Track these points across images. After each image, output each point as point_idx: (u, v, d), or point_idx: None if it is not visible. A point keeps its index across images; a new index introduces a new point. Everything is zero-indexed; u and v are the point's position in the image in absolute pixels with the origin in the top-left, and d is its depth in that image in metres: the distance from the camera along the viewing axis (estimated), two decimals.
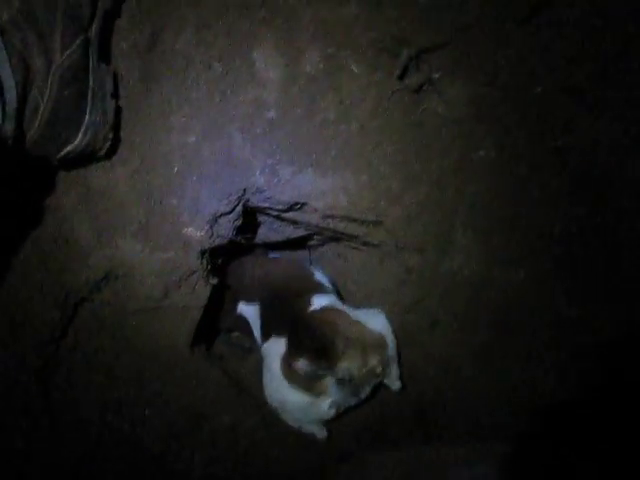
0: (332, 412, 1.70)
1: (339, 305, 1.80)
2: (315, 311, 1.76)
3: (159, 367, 1.75)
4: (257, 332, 1.99)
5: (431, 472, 1.36)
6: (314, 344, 1.63)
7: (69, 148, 1.43)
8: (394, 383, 1.76)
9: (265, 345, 1.82)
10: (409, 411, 1.84)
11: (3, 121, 1.21)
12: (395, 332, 1.78)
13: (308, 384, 1.64)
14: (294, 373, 1.64)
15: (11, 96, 1.21)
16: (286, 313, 1.81)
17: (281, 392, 1.69)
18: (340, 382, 1.60)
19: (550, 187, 1.58)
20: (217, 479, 1.68)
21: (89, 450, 1.60)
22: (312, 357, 1.61)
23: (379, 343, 1.70)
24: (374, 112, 1.57)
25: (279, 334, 1.75)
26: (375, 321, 1.75)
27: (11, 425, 1.52)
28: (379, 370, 1.69)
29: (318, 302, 1.80)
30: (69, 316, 1.62)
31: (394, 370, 1.74)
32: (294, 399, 1.67)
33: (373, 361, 1.67)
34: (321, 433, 1.77)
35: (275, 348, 1.73)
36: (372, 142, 1.59)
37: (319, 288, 1.92)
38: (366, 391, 1.74)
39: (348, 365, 1.61)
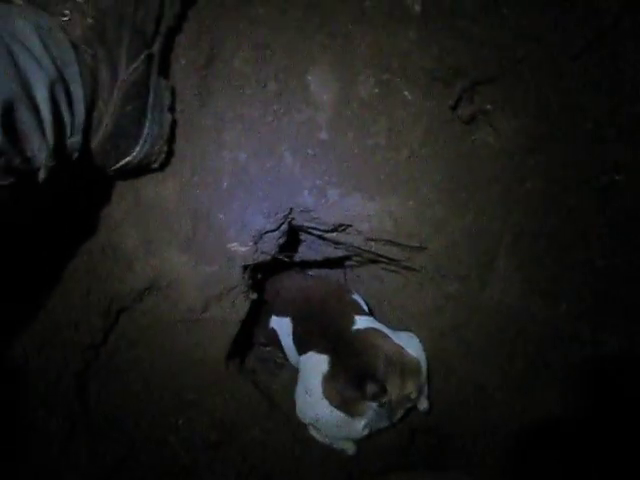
0: (365, 432, 1.72)
1: (380, 327, 1.82)
2: (359, 331, 1.77)
3: (194, 378, 1.77)
4: (287, 345, 2.01)
5: None
6: (357, 366, 1.64)
7: (127, 159, 1.45)
8: (422, 403, 1.77)
9: (302, 359, 1.82)
10: (436, 435, 1.85)
11: (72, 134, 1.23)
12: (428, 356, 1.79)
13: (347, 405, 1.65)
14: (335, 393, 1.65)
15: (80, 109, 1.24)
16: (328, 329, 1.82)
17: (318, 409, 1.71)
18: (379, 406, 1.61)
19: (595, 223, 1.59)
20: None
21: (122, 456, 1.62)
22: (354, 380, 1.62)
23: (416, 368, 1.72)
24: (424, 140, 1.59)
25: (319, 350, 1.76)
26: (411, 344, 1.77)
27: (49, 427, 1.54)
28: (414, 396, 1.71)
29: (360, 322, 1.81)
30: (111, 323, 1.64)
31: (424, 392, 1.76)
32: (331, 417, 1.69)
33: (409, 386, 1.68)
34: (352, 449, 1.79)
35: (315, 364, 1.74)
36: (420, 169, 1.61)
37: (357, 308, 1.94)
38: (399, 414, 1.76)
39: (389, 390, 1.62)
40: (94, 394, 1.64)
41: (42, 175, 1.15)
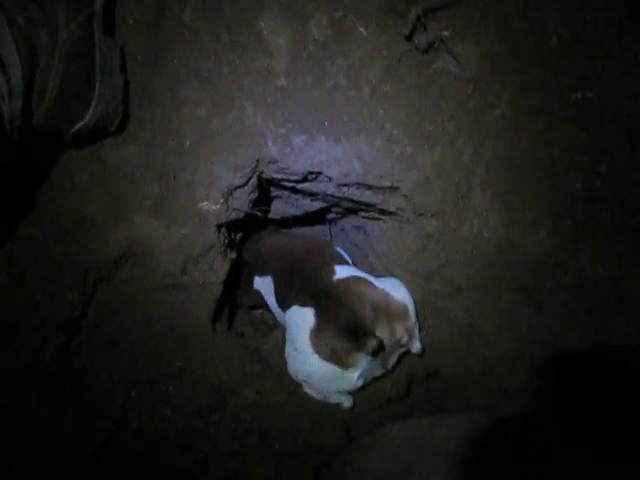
0: (360, 383, 1.69)
1: (363, 274, 1.78)
2: (341, 280, 1.74)
3: (181, 344, 1.75)
4: (272, 305, 1.98)
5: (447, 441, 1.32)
6: (344, 316, 1.61)
7: (81, 124, 1.43)
8: (415, 346, 1.74)
9: (287, 315, 1.79)
10: (434, 381, 1.82)
11: (10, 100, 1.20)
12: (417, 301, 1.76)
13: (338, 357, 1.62)
14: (324, 346, 1.62)
15: (16, 73, 1.20)
16: (308, 282, 1.79)
17: (309, 364, 1.68)
18: (371, 354, 1.58)
19: (570, 144, 1.54)
20: (242, 454, 1.66)
21: (114, 428, 1.61)
22: (343, 331, 1.59)
23: (404, 311, 1.68)
24: (385, 75, 1.54)
25: (302, 304, 1.73)
26: (396, 288, 1.73)
27: (37, 405, 1.52)
28: (405, 340, 1.67)
29: (342, 271, 1.78)
30: (89, 295, 1.62)
31: (416, 335, 1.72)
32: (322, 371, 1.66)
33: (399, 331, 1.65)
34: (348, 402, 1.76)
35: (300, 318, 1.71)
36: (384, 106, 1.56)
37: (339, 259, 1.91)
38: (392, 361, 1.73)
39: (379, 337, 1.58)
40: (79, 368, 1.62)
41: None
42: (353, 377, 1.68)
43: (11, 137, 1.24)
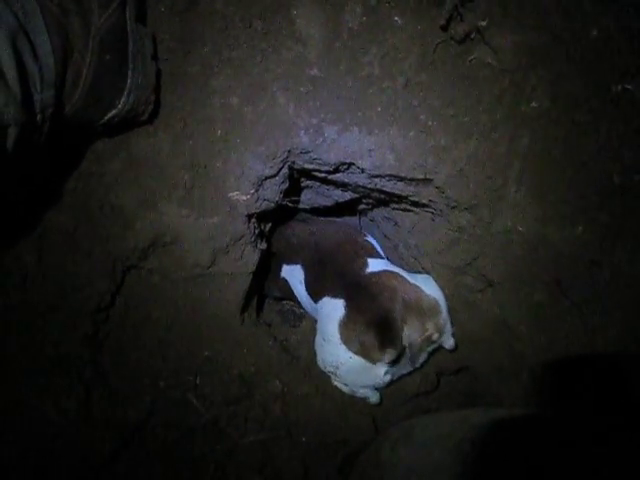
0: (387, 378, 1.68)
1: (395, 269, 1.76)
2: (373, 273, 1.72)
3: (209, 334, 1.75)
4: (300, 293, 1.97)
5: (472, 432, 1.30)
6: (374, 310, 1.59)
7: (113, 112, 1.43)
8: (448, 341, 1.72)
9: (319, 306, 1.78)
10: (463, 376, 1.80)
11: (42, 89, 1.19)
12: (448, 295, 1.74)
13: (366, 350, 1.61)
14: (352, 338, 1.61)
15: (48, 62, 1.19)
16: (340, 274, 1.77)
17: (337, 356, 1.67)
18: (401, 350, 1.57)
19: (608, 137, 1.50)
20: (270, 445, 1.66)
21: (143, 417, 1.60)
22: (373, 325, 1.57)
23: (435, 308, 1.66)
24: (419, 65, 1.52)
25: (334, 295, 1.72)
26: (428, 285, 1.71)
27: (65, 393, 1.52)
28: (435, 337, 1.66)
29: (374, 265, 1.76)
30: (117, 285, 1.61)
31: (448, 331, 1.70)
32: (350, 364, 1.65)
33: (430, 328, 1.63)
34: (375, 397, 1.75)
35: (330, 310, 1.70)
36: (418, 97, 1.54)
37: (371, 251, 1.89)
38: (422, 358, 1.71)
39: (408, 333, 1.57)
40: (107, 357, 1.62)
41: (13, 133, 1.11)
42: (380, 372, 1.67)
43: (43, 126, 1.23)
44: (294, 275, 2.01)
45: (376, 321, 1.61)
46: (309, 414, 1.74)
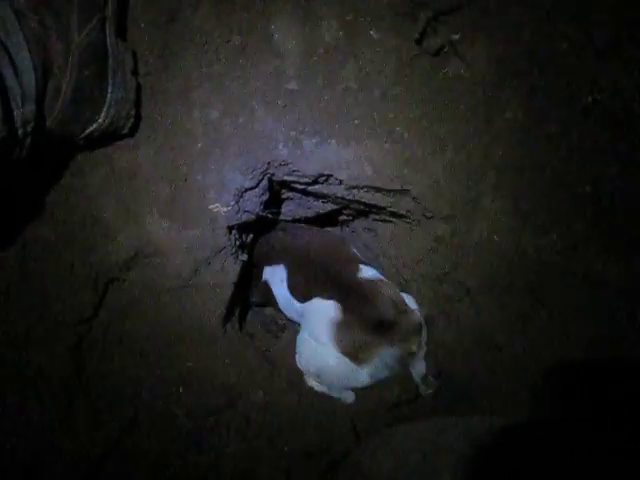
0: (367, 381, 1.69)
1: (385, 279, 1.80)
2: (367, 279, 1.75)
3: (192, 345, 1.75)
4: (280, 294, 1.99)
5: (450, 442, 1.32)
6: (369, 312, 1.62)
7: (93, 127, 1.45)
8: (418, 365, 1.76)
9: (307, 306, 1.80)
10: (442, 385, 1.82)
11: (23, 104, 1.22)
12: (426, 304, 1.76)
13: (356, 352, 1.63)
14: (344, 338, 1.63)
15: (29, 78, 1.22)
16: (332, 276, 1.80)
17: (324, 355, 1.70)
18: (389, 355, 1.60)
19: (580, 147, 1.53)
20: (252, 454, 1.67)
21: (125, 428, 1.61)
22: (367, 326, 1.59)
23: (419, 325, 1.70)
24: (395, 78, 1.55)
25: (325, 296, 1.74)
26: (411, 303, 1.75)
27: (48, 404, 1.53)
28: (414, 349, 1.68)
29: (366, 271, 1.79)
30: (100, 296, 1.62)
31: (421, 355, 1.74)
32: (336, 364, 1.68)
33: (413, 340, 1.66)
34: (350, 398, 1.77)
35: (322, 310, 1.73)
36: (394, 109, 1.57)
37: (360, 259, 1.92)
38: (398, 367, 1.73)
39: (396, 341, 1.59)
40: (90, 368, 1.62)
41: None
42: (363, 374, 1.69)
43: (24, 141, 1.25)
44: (275, 274, 2.02)
45: (370, 325, 1.64)
46: (291, 424, 1.75)
